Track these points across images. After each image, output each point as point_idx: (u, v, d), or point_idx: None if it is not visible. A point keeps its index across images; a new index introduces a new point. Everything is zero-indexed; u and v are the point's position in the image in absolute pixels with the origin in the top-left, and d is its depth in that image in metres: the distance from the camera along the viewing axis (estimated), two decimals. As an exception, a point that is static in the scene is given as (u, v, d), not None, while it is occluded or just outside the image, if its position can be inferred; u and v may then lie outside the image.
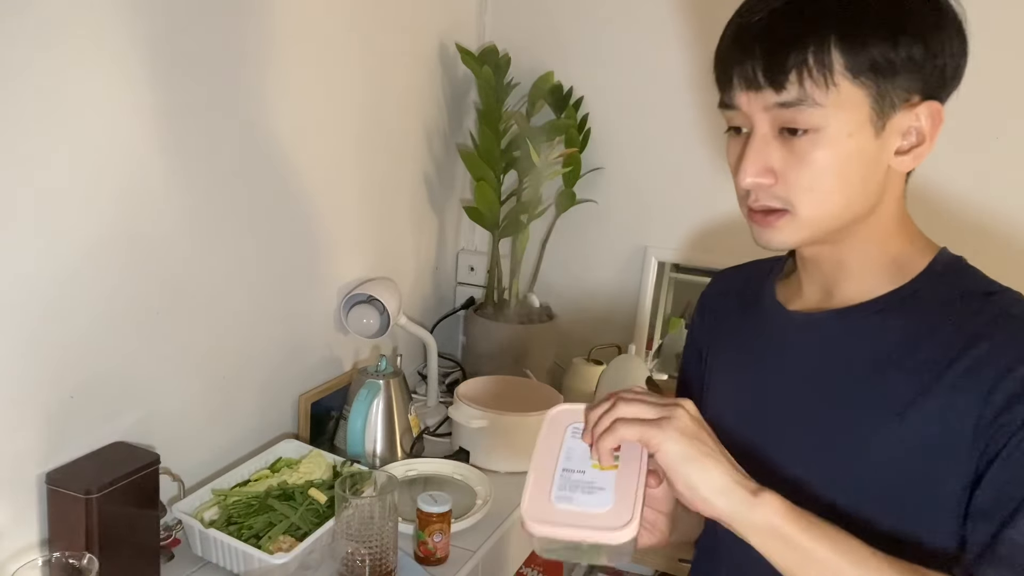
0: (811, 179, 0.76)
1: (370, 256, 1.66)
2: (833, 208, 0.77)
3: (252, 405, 1.40)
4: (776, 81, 0.74)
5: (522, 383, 1.67)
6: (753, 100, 0.76)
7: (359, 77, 1.53)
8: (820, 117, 0.74)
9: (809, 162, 0.75)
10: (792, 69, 0.73)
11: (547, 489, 0.75)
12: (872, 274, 0.83)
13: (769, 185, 0.78)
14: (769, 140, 0.77)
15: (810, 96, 0.73)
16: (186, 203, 1.19)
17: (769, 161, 0.77)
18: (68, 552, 0.89)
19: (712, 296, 1.04)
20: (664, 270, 1.86)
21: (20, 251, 0.97)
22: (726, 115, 0.81)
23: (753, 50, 0.75)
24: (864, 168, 0.76)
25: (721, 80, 0.80)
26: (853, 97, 0.74)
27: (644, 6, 1.78)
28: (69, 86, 0.99)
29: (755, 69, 0.75)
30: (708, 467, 0.72)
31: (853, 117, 0.74)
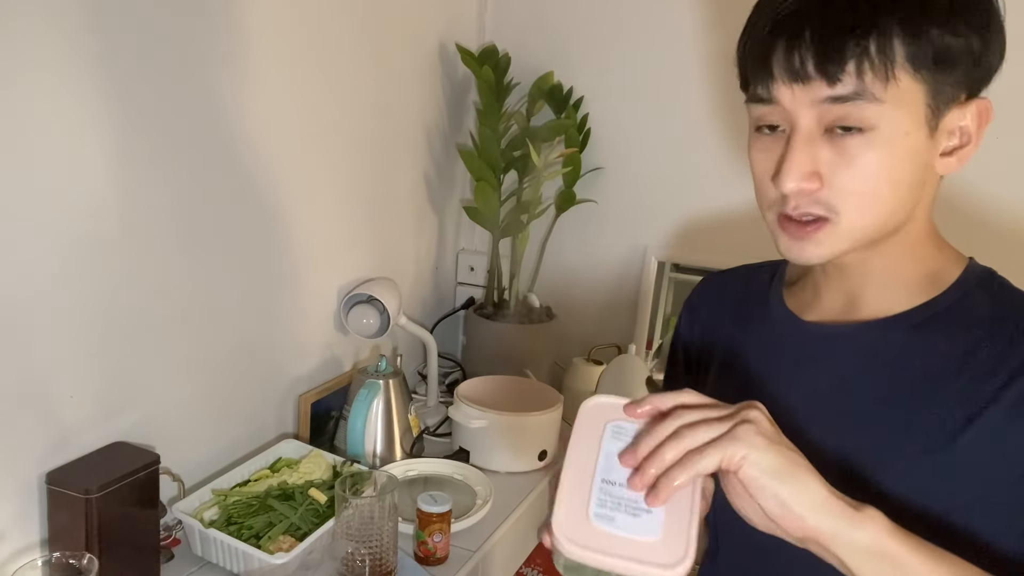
0: (861, 184, 0.68)
1: (370, 256, 1.66)
2: (879, 216, 0.70)
3: (252, 405, 1.40)
4: (830, 73, 0.65)
5: (522, 383, 1.67)
6: (799, 94, 0.68)
7: (359, 77, 1.53)
8: (877, 114, 0.66)
9: (860, 164, 0.67)
10: (851, 59, 0.65)
11: (583, 502, 0.63)
12: (902, 285, 0.76)
13: (813, 190, 0.69)
14: (815, 138, 0.69)
15: (868, 90, 0.65)
16: (186, 203, 1.19)
17: (815, 163, 0.69)
18: (68, 552, 0.89)
19: (702, 302, 0.97)
20: (664, 270, 1.86)
21: (20, 251, 0.97)
22: (757, 111, 0.72)
23: (801, 36, 0.66)
24: (915, 171, 0.69)
25: (755, 71, 0.71)
26: (911, 92, 0.66)
27: (644, 6, 1.78)
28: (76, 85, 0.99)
29: (804, 59, 0.66)
30: (803, 479, 0.61)
31: (910, 115, 0.67)
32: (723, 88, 1.73)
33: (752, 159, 0.75)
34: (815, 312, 0.82)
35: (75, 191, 1.03)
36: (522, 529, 1.43)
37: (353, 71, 1.51)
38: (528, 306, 1.87)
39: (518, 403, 1.55)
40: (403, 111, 1.70)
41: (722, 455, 0.60)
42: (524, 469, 1.50)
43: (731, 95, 1.72)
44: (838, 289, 0.80)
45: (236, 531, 1.13)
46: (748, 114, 0.75)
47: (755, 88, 0.71)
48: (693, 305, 0.97)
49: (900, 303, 0.76)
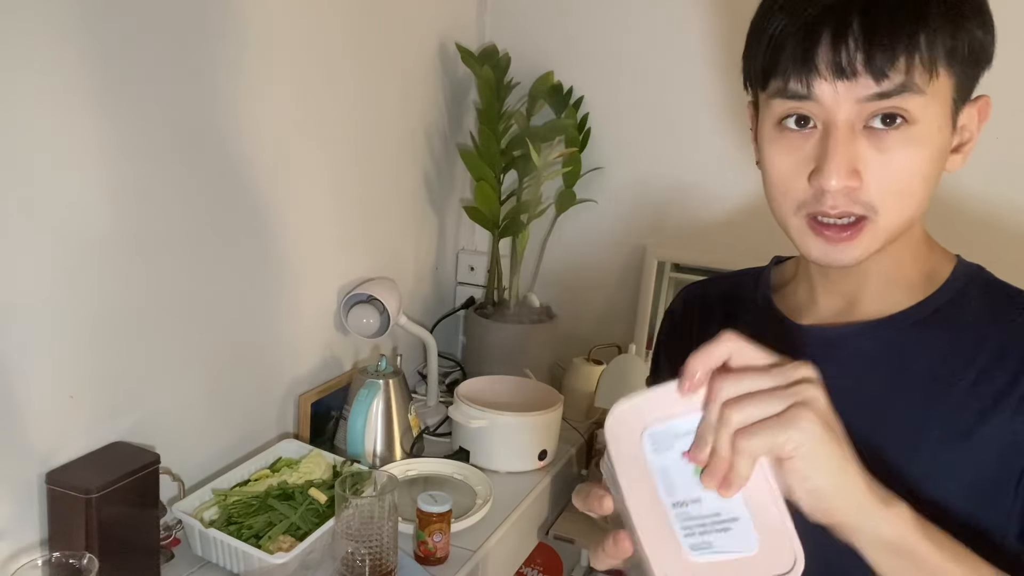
0: (900, 181, 0.67)
1: (370, 256, 1.66)
2: (912, 214, 0.69)
3: (252, 405, 1.40)
4: (879, 68, 0.63)
5: (522, 383, 1.67)
6: (842, 91, 0.65)
7: (359, 77, 1.53)
8: (921, 107, 0.65)
9: (900, 159, 0.66)
10: (902, 54, 0.63)
11: (671, 538, 0.56)
12: (901, 285, 0.76)
13: (854, 188, 0.66)
14: (856, 134, 0.66)
15: (915, 83, 0.64)
16: (185, 203, 1.19)
17: (856, 160, 0.66)
18: (68, 552, 0.89)
19: (686, 311, 0.93)
20: (664, 270, 1.86)
21: (20, 252, 0.97)
22: (784, 106, 0.68)
23: (849, 29, 0.63)
24: (939, 168, 0.69)
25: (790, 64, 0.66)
26: (945, 87, 0.66)
27: (644, 6, 1.78)
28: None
29: (853, 54, 0.63)
30: (849, 476, 0.57)
31: (943, 110, 0.66)
32: (724, 88, 1.73)
33: (771, 157, 0.71)
34: (811, 315, 0.80)
35: (74, 192, 1.03)
36: (522, 529, 1.43)
37: (353, 71, 1.51)
38: (528, 306, 1.86)
39: (518, 403, 1.55)
40: (403, 111, 1.70)
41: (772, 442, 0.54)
42: (524, 469, 1.50)
43: (731, 95, 1.73)
44: (837, 291, 0.78)
45: (236, 531, 1.13)
46: (763, 109, 0.71)
47: (786, 83, 0.67)
48: (675, 314, 0.95)
49: (898, 302, 0.75)
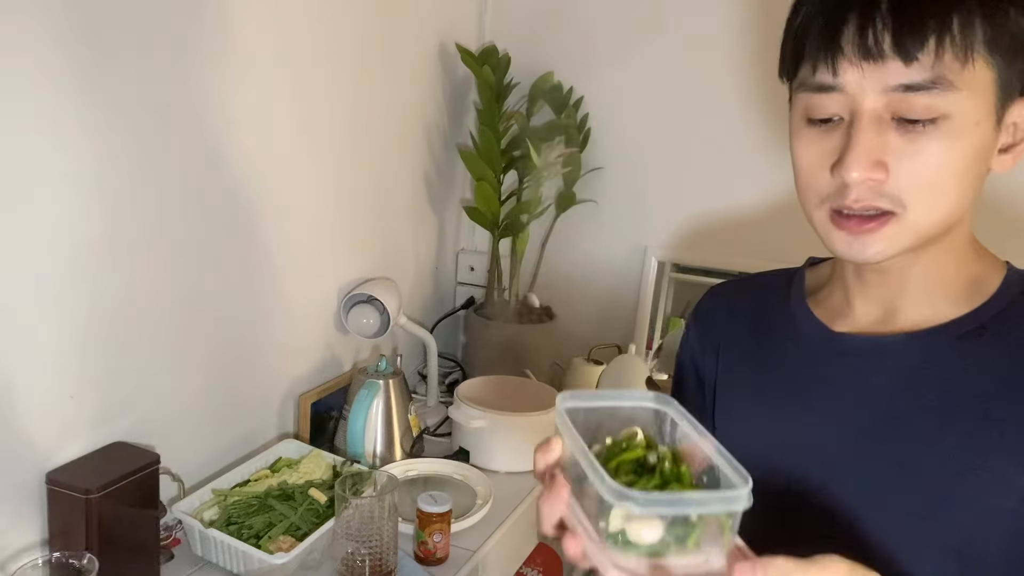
0: (931, 174, 0.63)
1: (370, 256, 1.66)
2: (944, 213, 0.65)
3: (252, 405, 1.40)
4: (908, 51, 0.60)
5: (522, 383, 1.67)
6: (869, 75, 0.62)
7: (359, 77, 1.53)
8: (952, 103, 0.61)
9: (932, 153, 0.62)
10: (932, 36, 0.60)
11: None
12: (944, 293, 0.70)
13: (879, 181, 0.63)
14: (883, 124, 0.63)
15: (945, 76, 0.60)
16: (185, 204, 1.19)
17: (882, 151, 0.63)
18: (68, 552, 0.89)
19: (712, 314, 0.89)
20: (664, 270, 1.86)
21: (20, 253, 0.97)
22: (811, 99, 0.66)
23: (877, 8, 0.60)
24: (980, 166, 0.65)
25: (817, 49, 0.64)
26: (985, 79, 0.62)
27: (644, 6, 1.78)
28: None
29: (880, 35, 0.60)
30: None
31: (982, 103, 0.62)
32: (724, 88, 1.73)
33: (797, 150, 0.69)
34: (847, 322, 0.75)
35: (74, 193, 1.03)
36: (522, 529, 1.43)
37: (353, 71, 1.51)
38: (528, 306, 1.87)
39: (518, 403, 1.55)
40: (403, 111, 1.70)
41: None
42: (524, 469, 1.50)
43: (732, 95, 1.73)
44: (874, 297, 0.74)
45: (236, 531, 1.13)
46: (793, 103, 0.70)
47: (814, 71, 0.64)
48: (702, 317, 0.90)
49: (942, 312, 0.70)
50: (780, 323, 0.80)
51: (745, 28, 1.70)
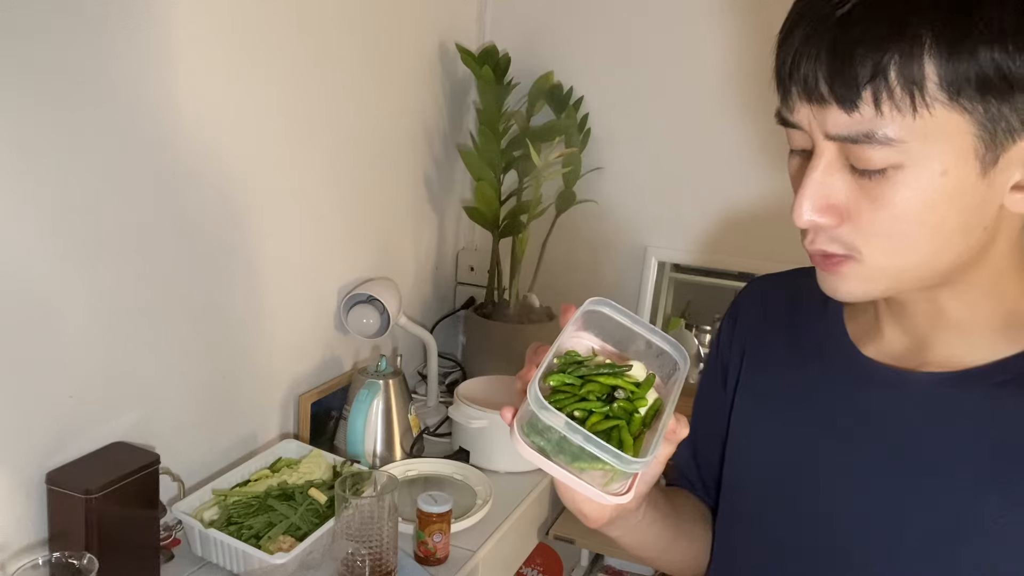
0: (887, 224, 0.58)
1: (370, 256, 1.66)
2: (916, 257, 0.60)
3: (252, 405, 1.40)
4: (843, 97, 0.55)
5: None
6: (817, 117, 0.58)
7: (359, 77, 1.53)
8: (901, 154, 0.55)
9: (886, 203, 0.57)
10: (867, 84, 0.54)
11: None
12: (983, 330, 0.65)
13: (832, 226, 0.60)
14: (834, 169, 0.59)
15: (882, 131, 0.55)
16: (185, 203, 1.19)
17: (833, 196, 0.59)
18: (68, 552, 0.89)
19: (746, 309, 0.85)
20: (664, 270, 1.86)
21: (20, 252, 0.97)
22: (788, 134, 0.63)
23: (820, 46, 0.56)
24: (964, 212, 0.58)
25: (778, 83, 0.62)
26: (950, 124, 0.55)
27: (644, 6, 1.78)
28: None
29: (818, 76, 0.56)
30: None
31: (948, 149, 0.55)
32: (724, 87, 1.73)
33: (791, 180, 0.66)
34: (876, 345, 0.71)
35: (73, 193, 1.03)
36: (522, 529, 1.43)
37: (353, 71, 1.51)
38: (528, 306, 1.86)
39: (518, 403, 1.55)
40: (403, 111, 1.70)
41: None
42: (524, 469, 1.50)
43: (732, 94, 1.73)
44: (901, 327, 0.70)
45: (236, 531, 1.13)
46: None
47: (780, 106, 0.62)
48: (736, 313, 0.86)
49: (978, 353, 0.65)
50: (812, 331, 0.77)
51: (745, 28, 1.70)
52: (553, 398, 0.63)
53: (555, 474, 0.61)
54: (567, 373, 0.65)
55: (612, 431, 0.62)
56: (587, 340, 0.70)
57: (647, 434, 0.63)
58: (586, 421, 0.62)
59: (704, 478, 0.91)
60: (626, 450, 0.60)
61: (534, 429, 0.61)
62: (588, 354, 0.69)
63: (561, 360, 0.67)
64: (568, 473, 0.61)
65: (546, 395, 0.62)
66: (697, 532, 0.87)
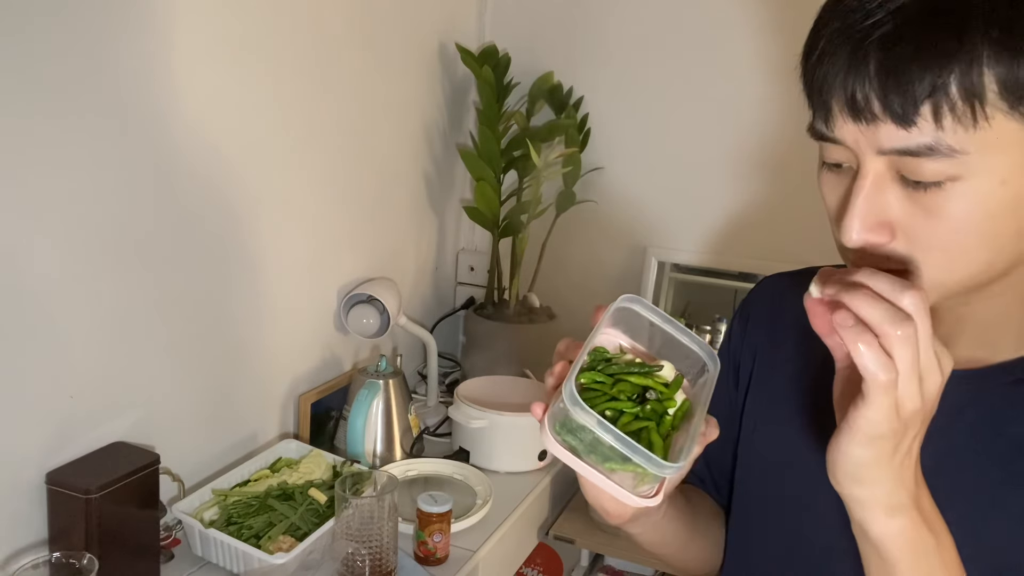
0: (946, 238, 0.56)
1: (370, 256, 1.66)
2: (970, 271, 0.58)
3: (252, 405, 1.40)
4: (900, 114, 0.53)
5: (522, 383, 1.67)
6: (865, 135, 0.55)
7: (359, 77, 1.53)
8: (961, 166, 0.53)
9: (944, 216, 0.55)
10: (927, 99, 0.52)
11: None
12: (1005, 331, 0.65)
13: (884, 243, 0.58)
14: (885, 183, 0.56)
15: (945, 142, 0.53)
16: (185, 203, 1.19)
17: (885, 212, 0.57)
18: (68, 552, 0.89)
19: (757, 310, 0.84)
20: (664, 270, 1.86)
21: (20, 252, 0.97)
22: (822, 145, 0.60)
23: (866, 64, 0.54)
24: (1019, 218, 0.56)
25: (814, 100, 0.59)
26: (1009, 133, 0.53)
27: (644, 6, 1.78)
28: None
29: (868, 94, 0.54)
30: (882, 451, 0.55)
31: (1008, 160, 0.54)
32: (724, 86, 1.73)
33: (822, 192, 0.63)
34: None
35: (73, 193, 1.03)
36: (522, 529, 1.43)
37: (353, 71, 1.51)
38: (528, 306, 1.86)
39: (518, 403, 1.55)
40: (403, 111, 1.70)
41: (883, 320, 0.51)
42: (524, 469, 1.50)
43: (732, 94, 1.73)
44: None
45: (236, 531, 1.13)
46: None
47: (816, 121, 0.59)
48: (747, 312, 0.86)
49: (1000, 352, 0.64)
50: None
51: (746, 28, 1.70)
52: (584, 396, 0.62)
53: (585, 474, 0.61)
54: (597, 371, 0.65)
55: (642, 432, 0.61)
56: (615, 337, 0.70)
57: (675, 436, 0.63)
58: (617, 421, 0.61)
59: (715, 477, 0.90)
60: (656, 451, 0.59)
61: (566, 428, 0.61)
62: (616, 351, 0.69)
63: (591, 357, 0.66)
64: (599, 473, 0.60)
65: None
66: (712, 530, 0.88)
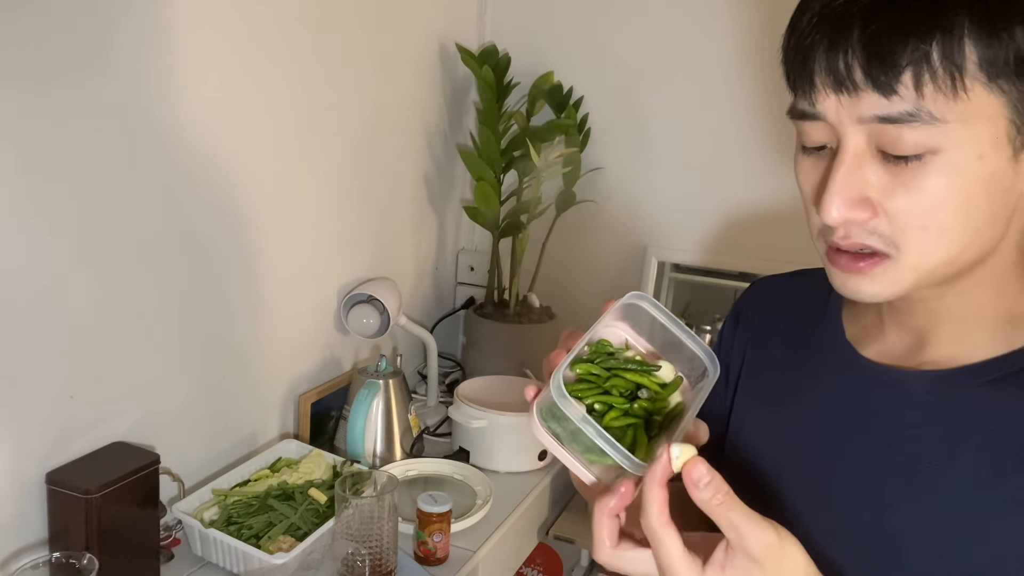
0: (924, 215, 0.57)
1: (370, 256, 1.66)
2: (949, 252, 0.59)
3: (252, 405, 1.40)
4: (882, 82, 0.54)
5: (522, 383, 1.67)
6: (846, 106, 0.57)
7: (359, 77, 1.53)
8: (939, 136, 0.55)
9: (922, 191, 0.56)
10: (907, 67, 0.54)
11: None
12: (981, 328, 0.65)
13: (864, 220, 0.59)
14: (865, 159, 0.58)
15: (927, 108, 0.54)
16: (185, 203, 1.19)
17: (865, 188, 0.58)
18: (68, 552, 0.89)
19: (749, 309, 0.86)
20: (664, 270, 1.86)
21: (20, 252, 0.97)
22: (801, 127, 0.61)
23: (848, 35, 0.55)
24: (994, 199, 0.58)
25: (797, 77, 0.60)
26: (987, 107, 0.55)
27: (644, 6, 1.78)
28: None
29: (851, 63, 0.55)
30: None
31: (986, 133, 0.55)
32: (725, 87, 1.73)
33: (798, 178, 0.64)
34: (876, 345, 0.71)
35: (73, 192, 1.03)
36: (522, 529, 1.43)
37: (353, 71, 1.51)
38: (528, 306, 1.86)
39: (518, 403, 1.55)
40: (403, 111, 1.70)
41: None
42: (524, 469, 1.50)
43: (732, 94, 1.72)
44: (905, 325, 0.69)
45: (236, 531, 1.13)
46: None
47: (797, 99, 0.61)
48: (740, 311, 0.87)
49: (977, 350, 0.65)
50: (812, 332, 0.76)
51: (746, 28, 1.70)
52: (576, 386, 0.63)
53: (565, 462, 0.62)
54: (595, 363, 0.65)
55: (628, 429, 0.62)
56: (621, 331, 0.70)
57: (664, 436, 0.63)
58: (605, 415, 0.62)
59: None
60: (640, 450, 0.60)
61: (552, 415, 0.61)
62: (620, 346, 0.70)
63: (592, 348, 0.67)
64: (578, 463, 0.61)
65: (570, 382, 0.63)
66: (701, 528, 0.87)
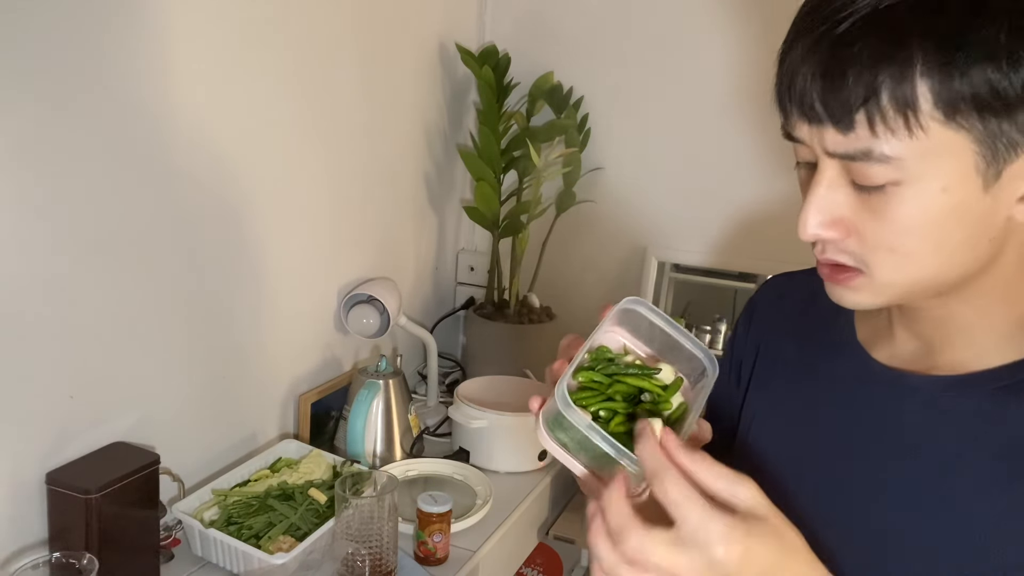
0: (892, 238, 0.59)
1: (370, 256, 1.66)
2: (924, 272, 0.60)
3: (252, 405, 1.40)
4: (838, 117, 0.56)
5: (522, 383, 1.67)
6: (816, 135, 0.59)
7: (359, 77, 1.53)
8: (896, 171, 0.56)
9: (890, 219, 0.58)
10: (860, 107, 0.55)
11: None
12: (990, 336, 0.65)
13: (839, 239, 0.61)
14: (838, 184, 0.60)
15: (880, 149, 0.55)
16: (185, 203, 1.19)
17: (837, 210, 0.60)
18: (68, 552, 0.89)
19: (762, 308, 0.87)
20: (664, 270, 1.86)
21: (21, 252, 0.97)
22: (794, 147, 0.64)
23: (813, 69, 0.57)
24: (967, 226, 0.58)
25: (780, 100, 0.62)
26: (949, 143, 0.55)
27: (644, 6, 1.78)
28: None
29: (812, 96, 0.57)
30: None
31: (948, 167, 0.55)
32: (725, 87, 1.73)
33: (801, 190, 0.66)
34: (887, 348, 0.72)
35: (74, 192, 1.03)
36: (522, 529, 1.43)
37: (353, 71, 1.51)
38: (528, 306, 1.86)
39: (518, 403, 1.55)
40: (403, 111, 1.70)
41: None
42: (524, 469, 1.50)
43: (733, 94, 1.72)
44: (912, 331, 0.70)
45: (236, 531, 1.13)
46: None
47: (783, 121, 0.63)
48: (753, 310, 0.88)
49: (988, 356, 0.65)
50: (824, 332, 0.77)
51: (746, 28, 1.70)
52: (580, 394, 0.64)
53: (575, 470, 0.63)
54: (596, 371, 0.66)
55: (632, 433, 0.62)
56: (620, 337, 0.71)
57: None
58: (610, 422, 0.63)
59: None
60: None
61: (559, 425, 0.62)
62: (619, 351, 0.70)
63: (592, 356, 0.68)
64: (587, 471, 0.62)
65: (573, 390, 0.63)
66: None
